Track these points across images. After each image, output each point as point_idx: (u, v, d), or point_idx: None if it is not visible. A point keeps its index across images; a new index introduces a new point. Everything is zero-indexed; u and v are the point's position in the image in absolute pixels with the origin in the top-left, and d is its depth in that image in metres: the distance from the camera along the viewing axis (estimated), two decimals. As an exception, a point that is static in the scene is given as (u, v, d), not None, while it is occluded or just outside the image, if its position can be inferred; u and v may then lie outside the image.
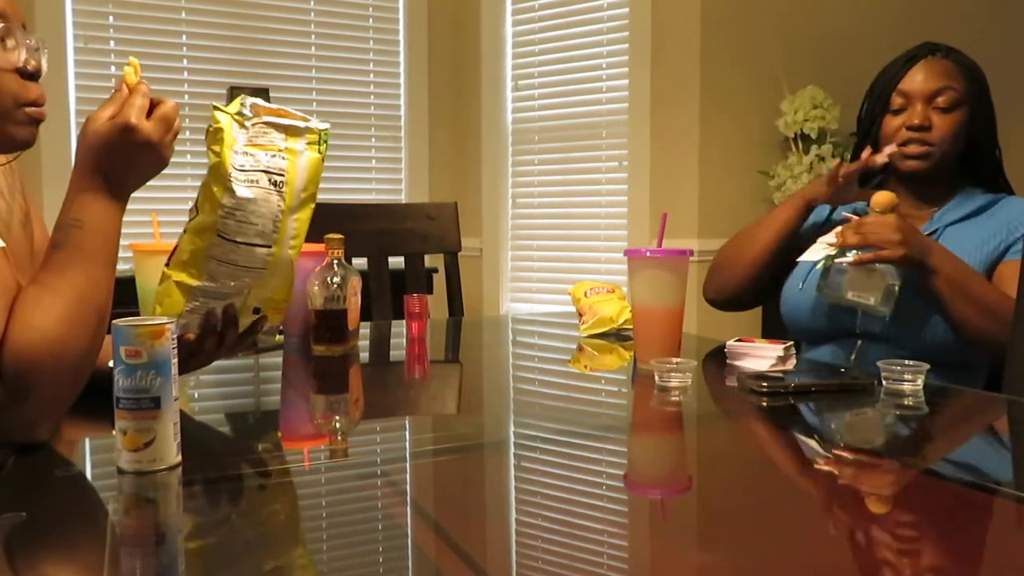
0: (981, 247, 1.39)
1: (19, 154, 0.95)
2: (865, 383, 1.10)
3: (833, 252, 1.34)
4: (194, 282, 0.94)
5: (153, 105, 0.88)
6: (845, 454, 0.89)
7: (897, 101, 1.46)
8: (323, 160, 0.97)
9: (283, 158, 0.94)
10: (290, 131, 0.95)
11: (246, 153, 0.93)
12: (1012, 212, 1.43)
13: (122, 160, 0.86)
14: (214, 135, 0.92)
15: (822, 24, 2.74)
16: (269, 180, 0.93)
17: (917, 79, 1.44)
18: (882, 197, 1.33)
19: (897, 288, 1.29)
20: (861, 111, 1.56)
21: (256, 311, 0.99)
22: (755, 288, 1.59)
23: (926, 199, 1.49)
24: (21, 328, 0.78)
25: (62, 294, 0.81)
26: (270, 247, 0.95)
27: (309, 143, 0.96)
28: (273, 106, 0.96)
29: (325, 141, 0.98)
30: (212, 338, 0.97)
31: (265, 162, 0.93)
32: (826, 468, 0.84)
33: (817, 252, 1.39)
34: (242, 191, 0.92)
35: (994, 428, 1.06)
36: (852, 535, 0.65)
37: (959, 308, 1.29)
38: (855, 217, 1.36)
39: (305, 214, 0.97)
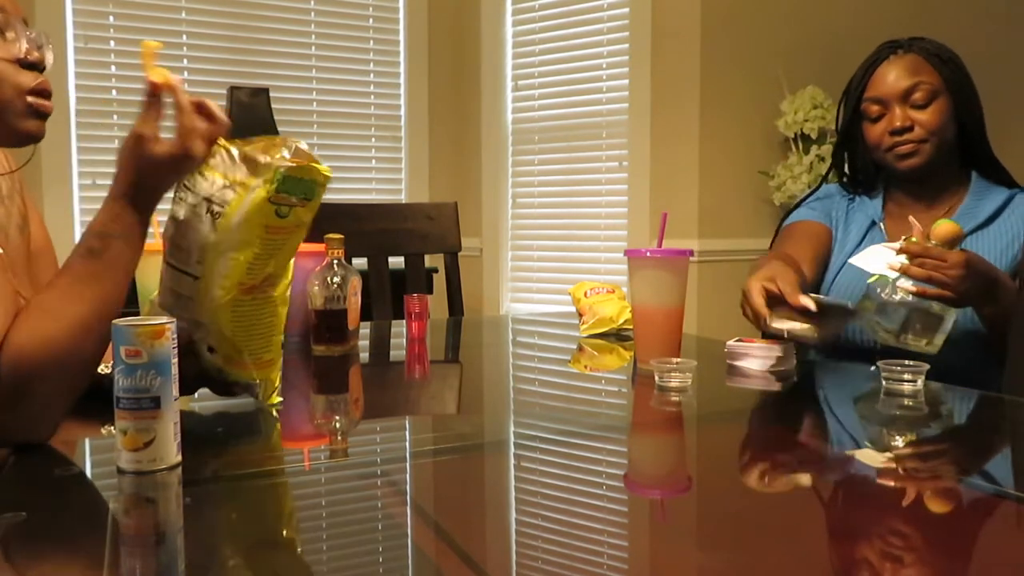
0: (1004, 252, 1.37)
1: (30, 159, 0.95)
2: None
3: (890, 275, 1.22)
4: (155, 296, 0.93)
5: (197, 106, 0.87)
6: (845, 454, 0.89)
7: (873, 109, 1.43)
8: (275, 203, 0.87)
9: (233, 191, 0.86)
10: (255, 168, 0.87)
11: (204, 176, 0.88)
12: None
13: (130, 165, 0.84)
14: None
15: (822, 24, 2.74)
16: (208, 208, 0.86)
17: (887, 81, 1.41)
18: (944, 229, 1.22)
19: (951, 325, 1.20)
20: (837, 116, 1.53)
21: (211, 350, 0.93)
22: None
23: (933, 199, 1.46)
24: (24, 333, 0.78)
25: (85, 302, 0.81)
26: (196, 278, 0.88)
27: (264, 181, 0.86)
28: (302, 149, 0.89)
29: (281, 183, 0.86)
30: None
31: (213, 190, 0.87)
32: (826, 468, 0.84)
33: (873, 262, 1.26)
34: (176, 209, 0.88)
35: (994, 428, 1.06)
36: (852, 535, 0.65)
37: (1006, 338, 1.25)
38: (917, 232, 1.25)
39: (243, 255, 0.87)
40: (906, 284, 1.20)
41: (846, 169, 1.56)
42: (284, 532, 0.66)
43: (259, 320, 0.93)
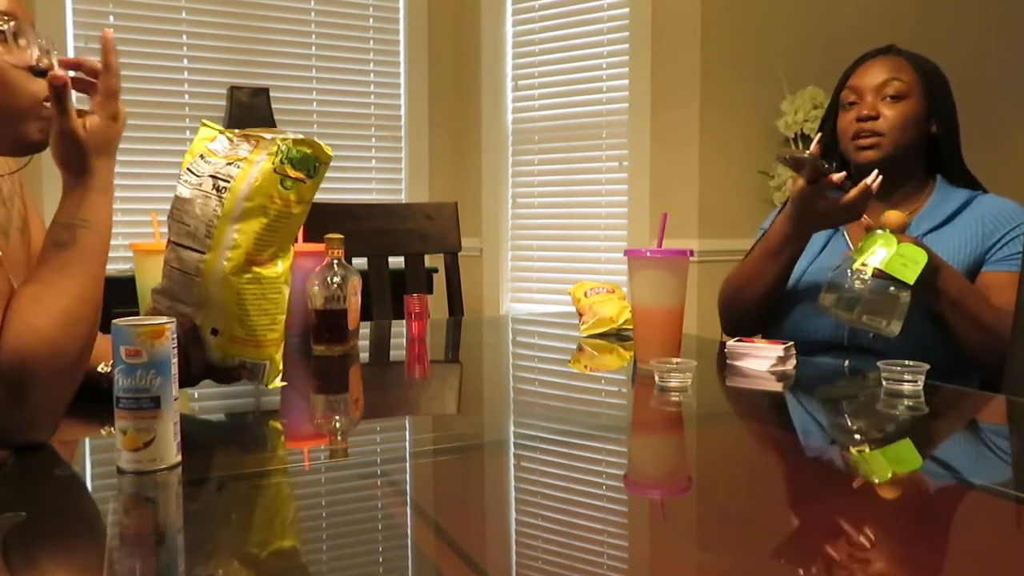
0: (958, 251, 1.39)
1: (29, 160, 0.95)
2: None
3: (848, 262, 1.30)
4: (157, 284, 0.94)
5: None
6: (845, 455, 0.89)
7: (849, 97, 1.49)
8: (279, 173, 0.91)
9: (237, 167, 0.91)
10: (258, 143, 0.92)
11: (206, 160, 0.92)
12: (986, 211, 1.43)
13: (108, 151, 0.88)
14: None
15: (822, 24, 2.74)
16: (213, 184, 0.90)
17: (867, 74, 1.48)
18: (892, 217, 1.32)
19: (907, 305, 1.26)
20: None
21: (214, 332, 0.93)
22: (772, 315, 1.58)
23: (896, 204, 1.48)
24: (17, 330, 0.78)
25: (64, 293, 0.81)
26: (203, 253, 0.90)
27: (269, 154, 0.91)
28: (299, 136, 0.93)
29: (285, 154, 0.91)
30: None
31: (218, 168, 0.91)
32: (826, 468, 0.84)
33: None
34: (181, 190, 0.91)
35: (994, 428, 1.06)
36: (852, 535, 0.65)
37: (959, 326, 1.31)
38: (866, 222, 1.33)
39: (250, 226, 0.90)
40: (865, 268, 1.27)
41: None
42: (284, 532, 0.66)
43: (263, 296, 0.94)
